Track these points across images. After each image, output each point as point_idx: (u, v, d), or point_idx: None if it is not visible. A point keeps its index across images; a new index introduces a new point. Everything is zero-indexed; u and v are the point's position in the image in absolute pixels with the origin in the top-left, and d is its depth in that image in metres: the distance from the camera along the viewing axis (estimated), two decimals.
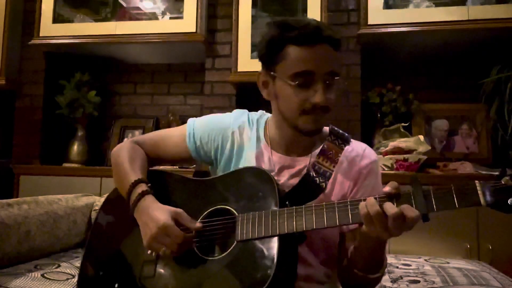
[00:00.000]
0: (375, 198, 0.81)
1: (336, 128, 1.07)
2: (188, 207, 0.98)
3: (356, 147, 1.08)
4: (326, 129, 1.08)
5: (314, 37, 0.93)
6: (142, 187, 1.00)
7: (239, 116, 1.15)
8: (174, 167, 2.25)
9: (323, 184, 0.98)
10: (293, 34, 0.94)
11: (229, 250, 0.91)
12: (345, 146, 1.04)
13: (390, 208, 0.77)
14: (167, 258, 0.96)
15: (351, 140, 1.07)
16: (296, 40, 0.94)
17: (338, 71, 0.96)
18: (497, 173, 0.76)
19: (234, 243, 0.91)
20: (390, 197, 0.81)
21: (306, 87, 0.95)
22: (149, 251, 0.99)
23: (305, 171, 1.01)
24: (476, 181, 0.76)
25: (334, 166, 1.00)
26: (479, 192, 0.75)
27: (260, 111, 1.18)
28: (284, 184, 1.03)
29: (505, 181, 0.74)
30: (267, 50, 1.00)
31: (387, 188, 0.82)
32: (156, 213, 0.93)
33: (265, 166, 1.06)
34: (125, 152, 1.10)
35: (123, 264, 1.03)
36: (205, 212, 1.00)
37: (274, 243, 0.87)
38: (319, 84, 0.94)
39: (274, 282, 0.83)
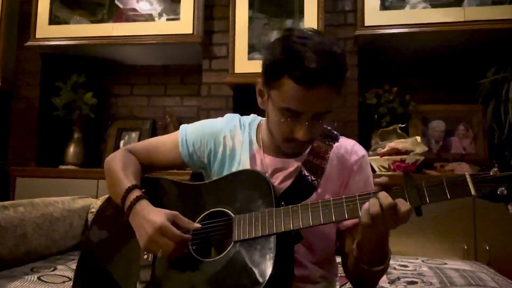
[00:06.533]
0: (370, 194, 0.83)
1: (324, 126, 1.08)
2: (184, 211, 0.98)
3: (344, 144, 1.10)
4: None
5: (313, 80, 0.87)
6: (137, 192, 1.00)
7: (230, 120, 1.16)
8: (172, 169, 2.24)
9: (315, 182, 1.00)
10: (293, 70, 0.87)
11: (226, 251, 0.91)
12: (334, 143, 1.07)
13: (385, 197, 0.80)
14: (164, 262, 0.95)
15: (340, 137, 1.09)
16: (294, 77, 0.87)
17: (331, 109, 0.93)
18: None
19: (231, 244, 0.91)
20: (384, 189, 0.82)
21: (292, 121, 0.93)
22: (145, 255, 0.98)
23: (297, 172, 1.03)
24: (466, 173, 0.78)
25: (325, 164, 1.03)
26: (469, 183, 0.77)
27: (252, 115, 1.19)
28: (278, 186, 1.03)
29: (493, 172, 0.77)
30: (267, 70, 0.95)
31: (378, 180, 0.84)
32: (152, 215, 0.93)
33: (258, 168, 1.07)
34: (118, 160, 1.11)
35: (119, 269, 1.02)
36: (202, 215, 1.00)
37: (271, 243, 0.87)
38: (305, 121, 0.92)
39: (271, 282, 0.83)
